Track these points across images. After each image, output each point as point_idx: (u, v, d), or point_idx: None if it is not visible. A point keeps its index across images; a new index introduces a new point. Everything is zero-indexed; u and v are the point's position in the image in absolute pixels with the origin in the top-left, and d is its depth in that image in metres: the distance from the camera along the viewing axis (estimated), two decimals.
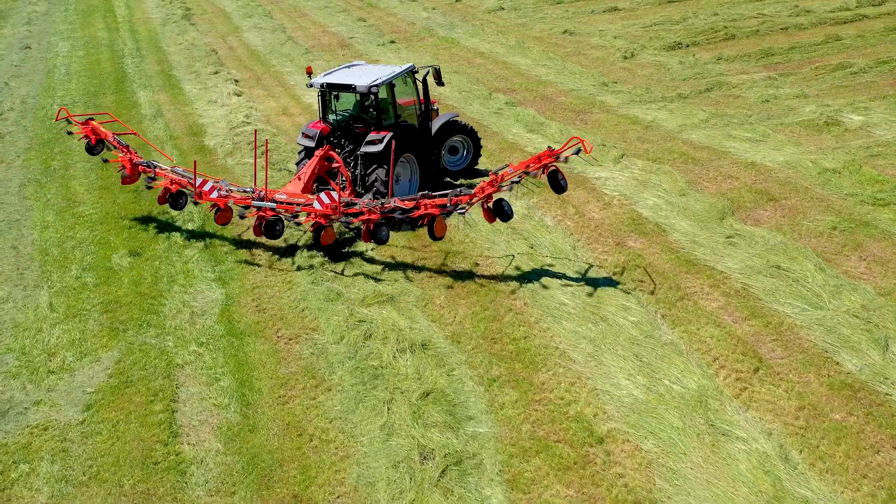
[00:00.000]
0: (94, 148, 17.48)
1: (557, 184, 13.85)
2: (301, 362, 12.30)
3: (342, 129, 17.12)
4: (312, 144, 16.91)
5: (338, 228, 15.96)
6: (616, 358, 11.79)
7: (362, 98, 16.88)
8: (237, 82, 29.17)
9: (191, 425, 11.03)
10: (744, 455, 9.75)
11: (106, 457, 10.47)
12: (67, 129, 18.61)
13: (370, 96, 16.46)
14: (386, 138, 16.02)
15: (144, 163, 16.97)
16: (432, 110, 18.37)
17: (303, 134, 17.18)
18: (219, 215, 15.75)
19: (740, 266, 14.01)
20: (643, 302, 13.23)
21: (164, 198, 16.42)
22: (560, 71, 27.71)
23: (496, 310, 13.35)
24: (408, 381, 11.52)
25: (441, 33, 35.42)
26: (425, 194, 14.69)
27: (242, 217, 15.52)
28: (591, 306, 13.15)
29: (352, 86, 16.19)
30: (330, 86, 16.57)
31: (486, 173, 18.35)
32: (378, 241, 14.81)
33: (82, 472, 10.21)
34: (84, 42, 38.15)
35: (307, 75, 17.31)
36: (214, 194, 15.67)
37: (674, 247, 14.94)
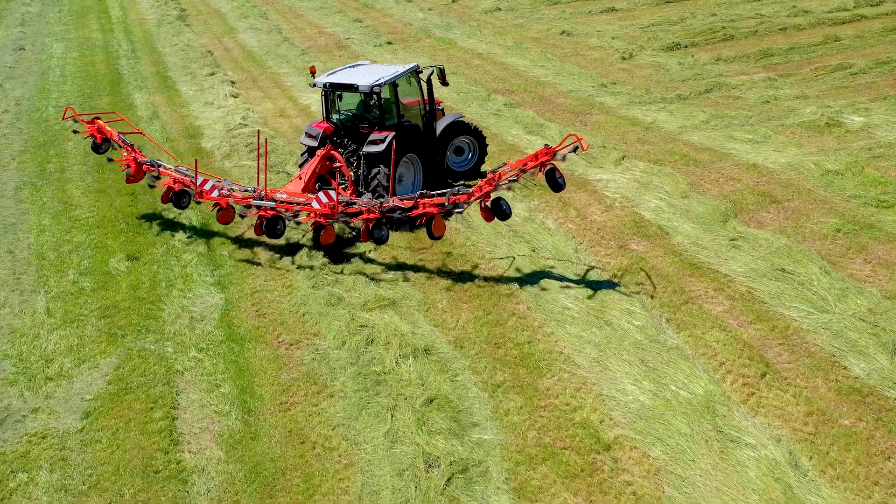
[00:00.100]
0: (99, 147, 17.57)
1: (555, 182, 13.72)
2: (302, 368, 12.15)
3: (345, 129, 17.04)
4: (315, 144, 16.82)
5: (341, 229, 15.86)
6: (621, 363, 11.66)
7: (365, 98, 16.78)
8: (233, 84, 28.99)
9: (191, 433, 10.87)
10: (753, 462, 9.63)
11: (106, 465, 10.32)
12: (73, 128, 18.74)
13: (373, 96, 16.37)
14: (388, 138, 15.92)
15: (148, 162, 17.01)
16: (437, 110, 18.28)
17: (306, 133, 17.13)
18: (221, 214, 15.73)
19: (744, 269, 13.89)
20: (647, 306, 13.11)
21: (168, 197, 16.41)
22: (558, 72, 27.59)
23: (499, 314, 13.22)
24: (411, 388, 11.38)
25: (438, 34, 35.28)
26: (423, 193, 14.59)
27: (243, 216, 15.52)
28: (595, 310, 13.02)
29: (354, 85, 16.11)
30: (333, 85, 16.52)
31: (485, 174, 18.20)
32: (377, 240, 14.71)
33: (82, 482, 10.05)
34: (78, 43, 37.94)
35: (311, 75, 17.29)
36: (215, 193, 15.67)
37: (677, 249, 14.82)
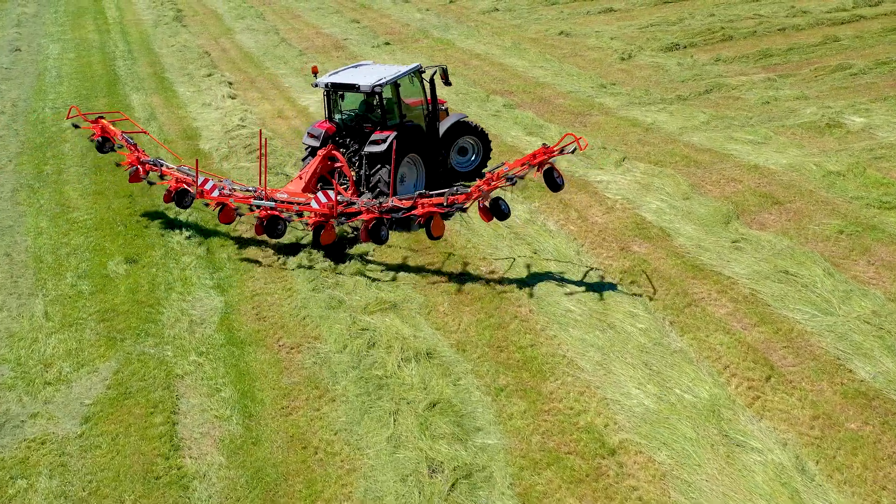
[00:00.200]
0: (104, 146, 17.73)
1: (553, 182, 13.63)
2: (303, 372, 12.05)
3: (347, 129, 17.00)
4: (318, 144, 16.82)
5: (342, 229, 15.80)
6: (625, 366, 11.58)
7: (367, 98, 16.73)
8: (231, 85, 28.88)
9: (192, 438, 10.77)
10: (759, 466, 9.55)
11: (106, 471, 10.21)
12: (74, 122, 19.00)
13: (374, 96, 16.32)
14: (389, 138, 15.85)
15: (151, 161, 17.07)
16: (441, 110, 18.23)
17: (308, 133, 17.12)
18: (222, 214, 15.74)
19: (747, 271, 13.81)
20: (650, 308, 13.03)
21: (170, 196, 16.42)
22: (557, 73, 27.51)
23: (501, 317, 13.13)
24: (413, 392, 11.28)
25: (436, 35, 35.18)
26: (422, 193, 14.54)
27: (241, 215, 15.61)
28: (598, 313, 12.94)
29: (356, 85, 16.08)
30: (335, 85, 16.50)
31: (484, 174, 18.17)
32: (377, 240, 14.64)
33: (82, 488, 9.94)
34: (75, 44, 37.79)
35: (313, 75, 17.29)
36: (216, 193, 15.71)
37: (679, 251, 14.74)
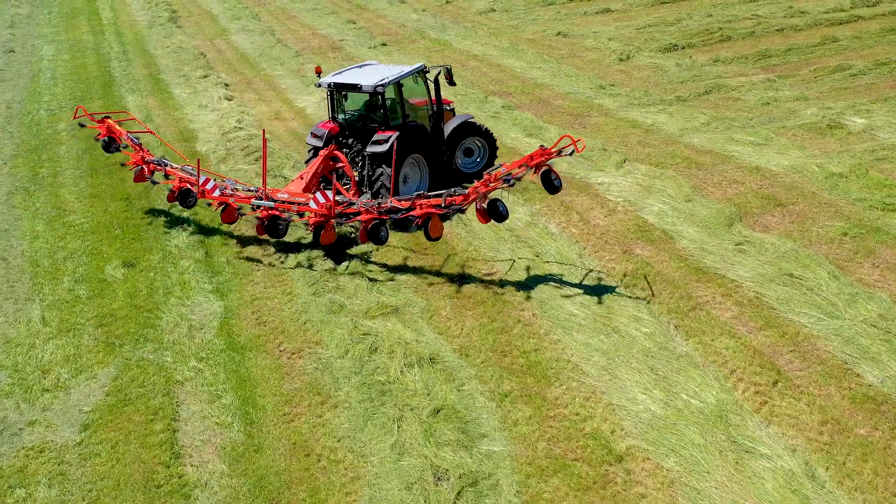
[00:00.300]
0: (110, 146, 17.95)
1: (551, 184, 13.51)
2: (305, 378, 11.91)
3: (351, 129, 16.92)
4: (320, 144, 16.75)
5: (345, 229, 15.77)
6: (631, 371, 11.46)
7: (370, 98, 16.63)
8: (227, 86, 28.70)
9: (193, 446, 10.62)
10: (769, 473, 9.43)
11: (106, 480, 10.06)
12: (80, 122, 19.25)
13: (377, 96, 16.22)
14: (391, 138, 15.75)
15: (155, 161, 17.20)
16: (447, 111, 18.17)
17: (312, 133, 17.08)
18: (225, 213, 15.73)
19: (752, 274, 13.70)
20: (655, 312, 12.91)
21: (174, 196, 16.52)
22: (556, 73, 27.37)
23: (504, 321, 13.00)
24: (417, 398, 11.15)
25: (433, 35, 35.03)
26: (420, 194, 14.45)
27: (243, 215, 15.73)
28: (602, 317, 12.82)
29: (358, 85, 16.01)
30: (337, 85, 16.45)
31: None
32: (376, 241, 14.55)
33: (81, 497, 9.80)
34: (69, 45, 37.56)
35: (316, 75, 17.32)
36: (217, 192, 15.77)
37: (682, 254, 14.63)
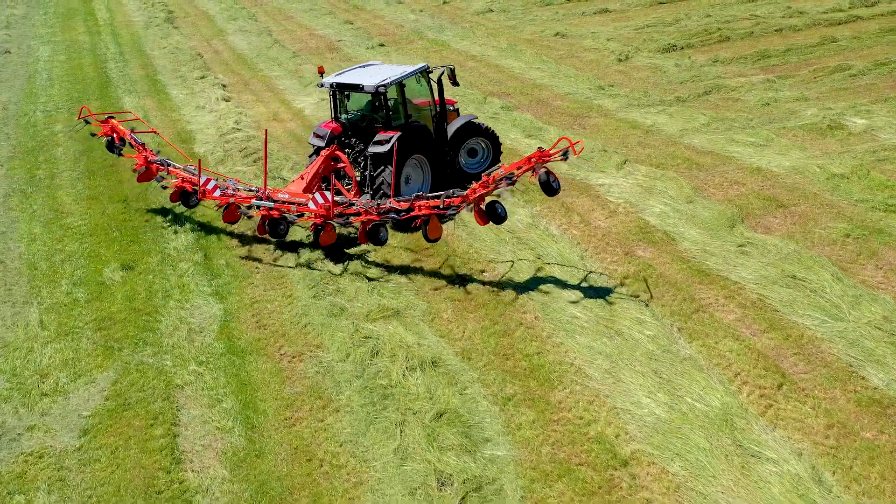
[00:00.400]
0: (114, 146, 18.05)
1: (549, 186, 13.34)
2: (306, 381, 11.81)
3: (353, 129, 16.87)
4: (323, 144, 16.72)
5: (348, 230, 15.71)
6: (634, 374, 11.38)
7: (373, 98, 16.56)
8: (225, 87, 28.58)
9: (194, 451, 10.52)
10: (776, 478, 9.36)
11: (106, 486, 9.96)
12: (90, 131, 19.40)
13: (379, 96, 16.17)
14: (392, 139, 15.69)
15: (158, 161, 17.26)
16: (451, 111, 18.13)
17: (314, 133, 17.04)
18: (227, 213, 15.72)
19: (754, 276, 13.63)
20: (658, 314, 12.83)
21: (177, 195, 16.63)
22: (554, 74, 27.29)
23: (506, 324, 12.91)
24: (419, 401, 11.06)
25: (430, 36, 34.93)
26: (419, 196, 14.41)
27: (247, 217, 15.75)
28: (605, 319, 12.73)
29: (360, 85, 15.96)
30: (339, 85, 16.42)
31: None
32: (375, 242, 14.48)
33: (81, 503, 9.69)
34: (65, 46, 37.41)
35: (319, 75, 17.33)
36: (217, 193, 15.79)
37: (684, 256, 14.55)
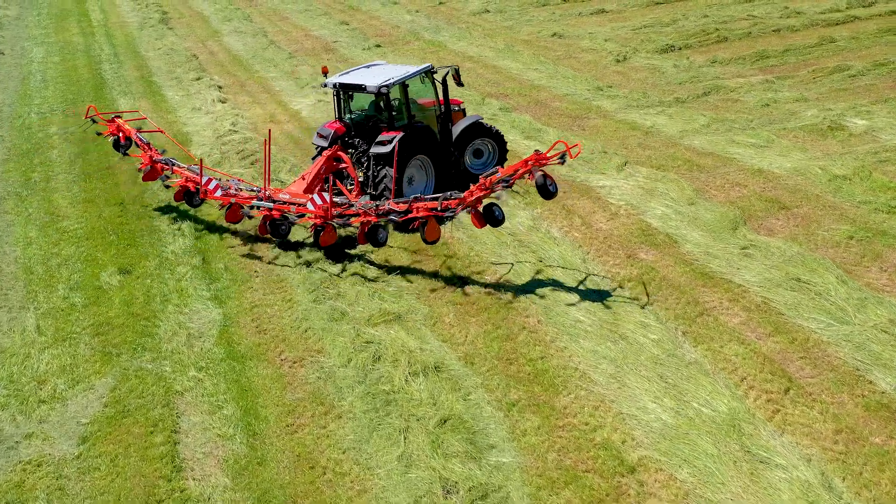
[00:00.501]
0: (120, 145, 18.15)
1: (546, 189, 13.21)
2: (308, 387, 11.67)
3: (357, 129, 16.78)
4: (326, 144, 16.65)
5: (350, 230, 15.61)
6: (640, 379, 11.26)
7: (376, 98, 16.48)
8: (220, 88, 28.40)
9: (195, 458, 10.38)
10: (785, 484, 9.25)
11: (106, 495, 9.82)
12: (96, 130, 19.53)
13: (381, 96, 16.09)
14: (395, 139, 15.59)
15: (163, 160, 17.32)
16: (457, 111, 18.04)
17: (318, 133, 16.98)
18: (229, 213, 15.74)
19: (758, 279, 13.52)
20: (662, 318, 12.72)
21: (181, 195, 16.77)
22: (552, 75, 27.16)
23: (509, 328, 12.79)
24: (423, 407, 10.93)
25: (427, 37, 34.78)
26: (417, 197, 14.33)
27: (249, 217, 15.70)
28: (609, 323, 12.62)
29: (362, 86, 15.88)
30: (343, 86, 16.38)
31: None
32: (374, 243, 14.39)
33: None
34: (59, 47, 37.20)
35: (323, 75, 17.32)
36: (219, 193, 15.84)
37: (687, 259, 14.44)
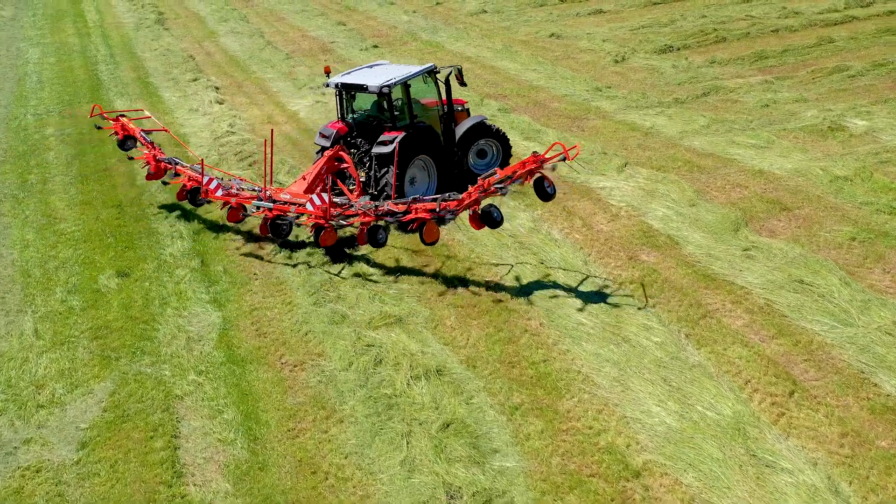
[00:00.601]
0: (125, 144, 18.24)
1: (544, 191, 13.16)
2: (309, 391, 11.58)
3: (359, 129, 16.73)
4: (328, 144, 16.58)
5: (350, 230, 15.57)
6: (643, 382, 11.18)
7: (378, 98, 16.41)
8: (218, 89, 28.29)
9: (195, 463, 10.28)
10: (791, 488, 9.18)
11: (106, 501, 9.72)
12: (95, 123, 19.70)
13: (383, 96, 16.03)
14: (396, 139, 15.53)
15: (167, 159, 17.35)
16: (461, 111, 17.99)
17: (320, 133, 16.92)
18: (230, 213, 15.73)
19: (761, 280, 13.46)
20: (664, 320, 12.65)
21: (184, 194, 16.75)
22: (551, 76, 27.09)
23: (511, 331, 12.71)
24: (425, 411, 10.84)
25: (424, 37, 34.70)
26: (416, 198, 14.29)
27: (248, 216, 15.75)
28: (611, 326, 12.55)
29: (364, 86, 15.82)
30: (345, 85, 16.34)
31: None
32: (374, 244, 14.33)
33: None
34: (55, 48, 37.05)
35: (325, 75, 17.28)
36: (219, 192, 15.81)
37: (689, 260, 14.38)
